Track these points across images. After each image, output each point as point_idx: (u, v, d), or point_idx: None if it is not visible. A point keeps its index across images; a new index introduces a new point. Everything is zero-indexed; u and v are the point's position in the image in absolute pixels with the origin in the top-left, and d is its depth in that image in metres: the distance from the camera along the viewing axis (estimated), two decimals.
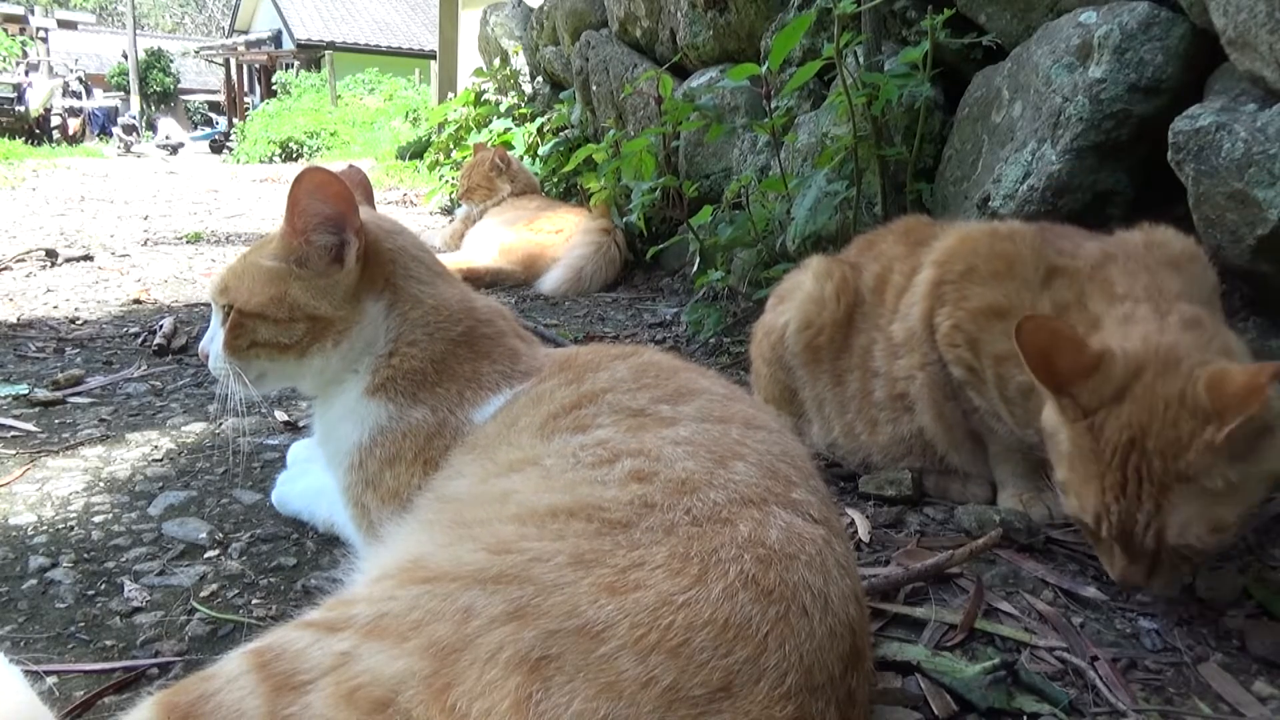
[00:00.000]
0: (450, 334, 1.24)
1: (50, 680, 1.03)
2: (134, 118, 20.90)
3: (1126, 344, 1.16)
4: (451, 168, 6.20)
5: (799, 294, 1.75)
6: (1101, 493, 1.11)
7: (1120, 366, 1.13)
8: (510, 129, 5.45)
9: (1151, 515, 1.08)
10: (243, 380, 1.24)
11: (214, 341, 1.27)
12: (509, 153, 4.60)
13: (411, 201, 6.91)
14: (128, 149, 18.99)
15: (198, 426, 1.93)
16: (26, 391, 2.08)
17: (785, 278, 1.88)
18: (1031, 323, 1.16)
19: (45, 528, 1.43)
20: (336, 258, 1.21)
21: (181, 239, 4.80)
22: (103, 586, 1.26)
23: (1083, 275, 1.35)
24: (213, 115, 29.51)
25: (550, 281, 3.63)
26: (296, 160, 14.07)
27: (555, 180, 4.72)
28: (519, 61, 5.98)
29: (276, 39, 24.95)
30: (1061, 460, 1.18)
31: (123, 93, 26.33)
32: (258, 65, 25.06)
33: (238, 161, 15.40)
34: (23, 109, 16.36)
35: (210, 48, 28.60)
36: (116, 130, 20.40)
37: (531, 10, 5.75)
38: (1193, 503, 1.07)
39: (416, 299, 1.25)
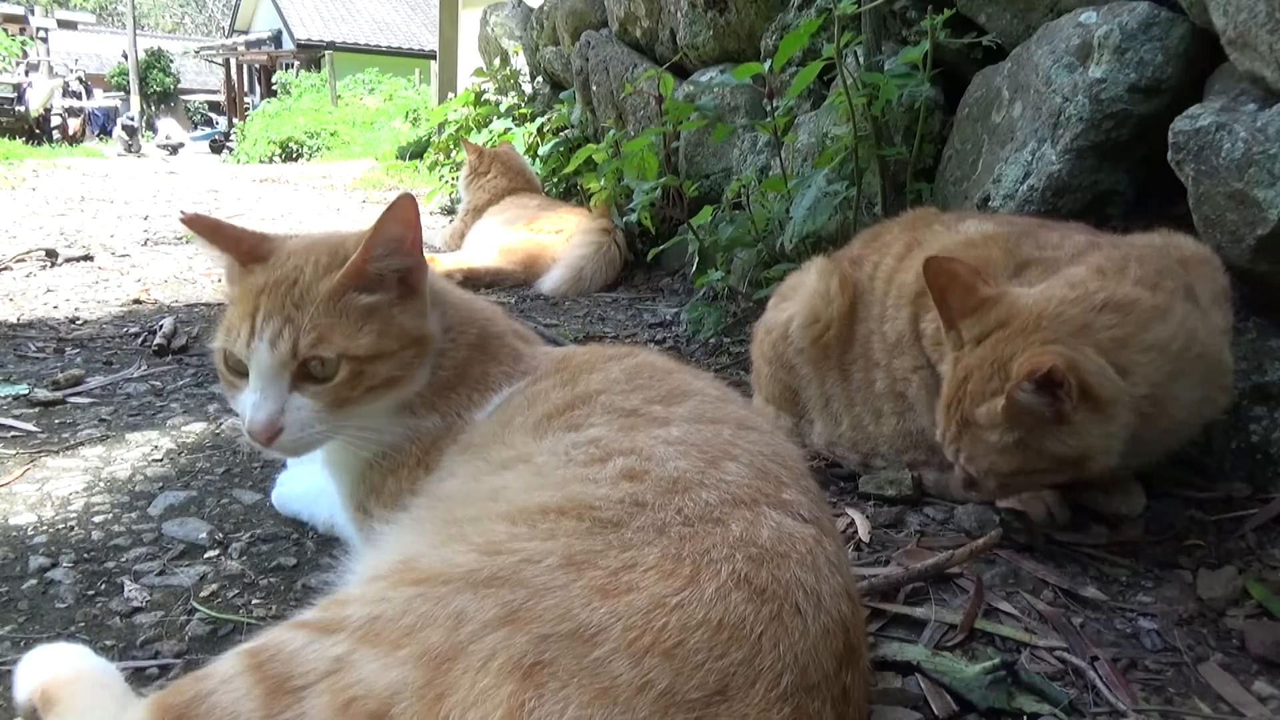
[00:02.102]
0: (468, 339, 1.22)
1: None
2: (132, 119, 20.71)
3: (1022, 299, 1.26)
4: (451, 168, 6.20)
5: (804, 290, 1.75)
6: (944, 414, 1.31)
7: (993, 316, 1.26)
8: (510, 129, 5.45)
9: (955, 440, 1.29)
10: (336, 435, 1.12)
11: (297, 409, 1.07)
12: (510, 148, 4.60)
13: None
14: (128, 149, 18.98)
15: (198, 426, 1.93)
16: (26, 391, 2.08)
17: (788, 277, 1.89)
18: (935, 263, 1.31)
19: (45, 528, 1.43)
20: (401, 280, 1.14)
21: (181, 239, 4.80)
22: (103, 586, 1.26)
23: (1061, 262, 1.38)
24: (213, 115, 29.48)
25: (550, 281, 3.63)
26: (296, 160, 14.07)
27: (556, 181, 4.72)
28: (519, 61, 5.98)
29: (276, 39, 24.95)
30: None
31: (123, 93, 26.32)
32: (258, 65, 25.07)
33: (238, 162, 15.39)
34: (23, 109, 16.34)
35: (210, 48, 28.60)
36: (117, 131, 20.37)
37: (531, 10, 5.75)
38: (980, 444, 1.26)
39: (446, 304, 1.23)
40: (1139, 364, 1.21)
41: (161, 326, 2.60)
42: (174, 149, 20.79)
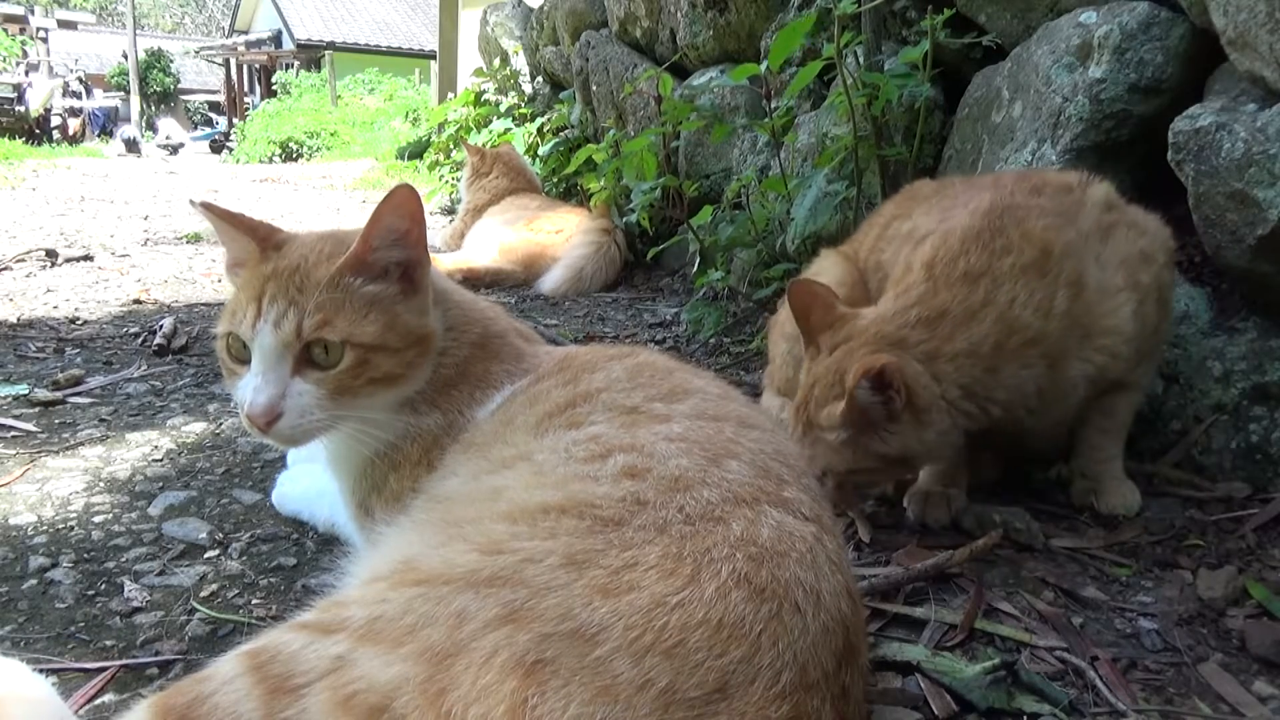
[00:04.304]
0: (471, 337, 1.22)
1: (50, 680, 1.03)
2: (136, 138, 20.46)
3: (864, 316, 1.41)
4: (451, 168, 6.20)
5: (826, 264, 1.79)
6: (794, 417, 1.43)
7: (843, 332, 1.40)
8: (510, 129, 5.45)
9: (799, 442, 1.40)
10: (335, 428, 1.11)
11: (298, 394, 1.06)
12: (511, 149, 4.61)
13: None
14: (129, 150, 18.96)
15: (198, 426, 1.93)
16: (26, 391, 2.08)
17: (810, 267, 1.90)
18: (798, 285, 1.47)
19: (45, 528, 1.43)
20: (404, 275, 1.14)
21: (181, 239, 4.80)
22: (103, 586, 1.26)
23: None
24: (213, 115, 29.48)
25: (550, 281, 3.63)
26: (296, 160, 14.06)
27: (555, 181, 4.72)
28: (519, 61, 5.98)
29: (276, 39, 24.95)
30: None
31: (123, 93, 26.28)
32: (258, 65, 25.06)
33: (237, 162, 15.39)
34: (23, 109, 16.33)
35: (210, 48, 28.59)
36: (120, 135, 20.31)
37: (531, 10, 5.75)
38: (820, 444, 1.38)
39: (449, 303, 1.24)
40: (947, 372, 1.34)
41: (161, 326, 2.60)
42: (174, 149, 20.76)
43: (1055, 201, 1.41)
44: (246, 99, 24.88)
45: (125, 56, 26.53)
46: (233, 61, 25.37)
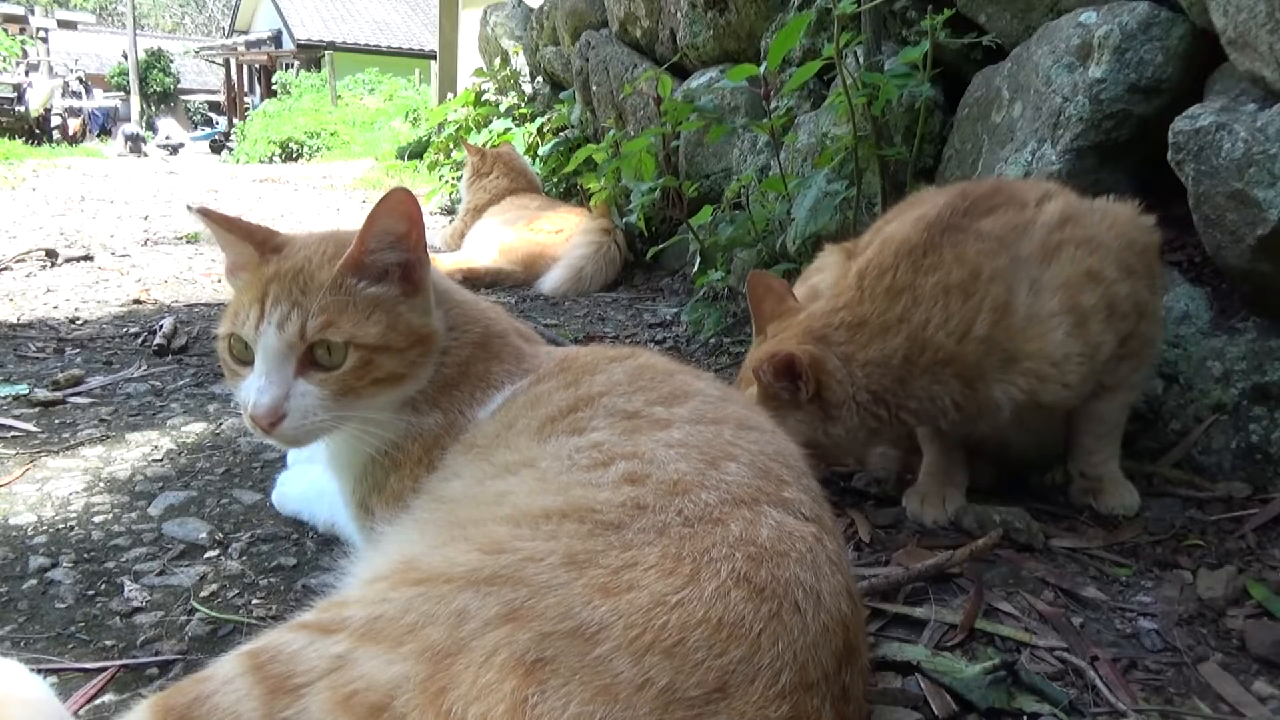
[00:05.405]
0: (472, 336, 1.22)
1: (50, 680, 1.03)
2: (140, 135, 20.41)
3: (804, 311, 1.48)
4: (451, 168, 6.20)
5: (830, 259, 1.80)
6: None
7: (785, 323, 1.47)
8: (510, 129, 5.45)
9: None
10: (338, 428, 1.11)
11: (301, 395, 1.06)
12: (511, 149, 4.61)
13: None
14: (131, 151, 18.97)
15: (198, 426, 1.93)
16: (26, 391, 2.08)
17: (813, 262, 1.90)
18: (755, 276, 1.58)
19: (45, 528, 1.43)
20: (404, 276, 1.14)
21: (181, 239, 4.80)
22: (103, 586, 1.26)
23: None
24: (213, 115, 29.48)
25: (550, 281, 3.63)
26: (296, 160, 14.06)
27: (555, 180, 4.72)
28: (519, 61, 5.98)
29: (276, 39, 24.96)
30: None
31: (123, 93, 26.29)
32: (258, 65, 25.07)
33: (237, 162, 15.39)
34: (23, 109, 16.35)
35: (210, 48, 28.61)
36: (120, 135, 20.32)
37: (531, 10, 5.75)
38: None
39: (450, 303, 1.24)
40: (858, 377, 1.40)
41: (161, 326, 2.60)
42: (174, 149, 20.77)
43: (1002, 221, 1.40)
44: (246, 99, 24.88)
45: (125, 56, 26.53)
46: (233, 61, 25.37)
